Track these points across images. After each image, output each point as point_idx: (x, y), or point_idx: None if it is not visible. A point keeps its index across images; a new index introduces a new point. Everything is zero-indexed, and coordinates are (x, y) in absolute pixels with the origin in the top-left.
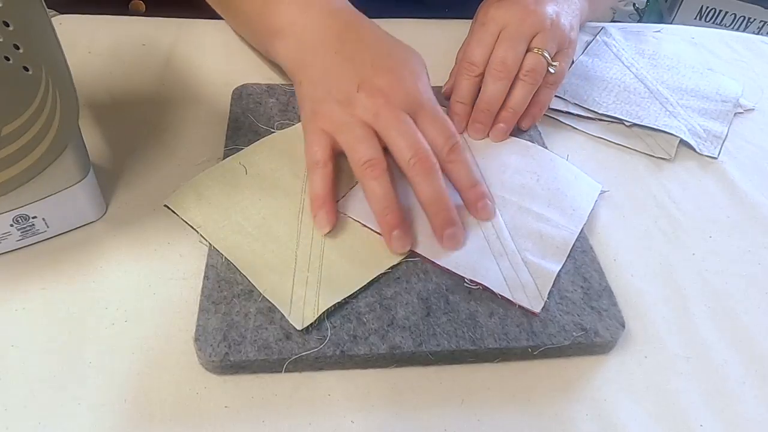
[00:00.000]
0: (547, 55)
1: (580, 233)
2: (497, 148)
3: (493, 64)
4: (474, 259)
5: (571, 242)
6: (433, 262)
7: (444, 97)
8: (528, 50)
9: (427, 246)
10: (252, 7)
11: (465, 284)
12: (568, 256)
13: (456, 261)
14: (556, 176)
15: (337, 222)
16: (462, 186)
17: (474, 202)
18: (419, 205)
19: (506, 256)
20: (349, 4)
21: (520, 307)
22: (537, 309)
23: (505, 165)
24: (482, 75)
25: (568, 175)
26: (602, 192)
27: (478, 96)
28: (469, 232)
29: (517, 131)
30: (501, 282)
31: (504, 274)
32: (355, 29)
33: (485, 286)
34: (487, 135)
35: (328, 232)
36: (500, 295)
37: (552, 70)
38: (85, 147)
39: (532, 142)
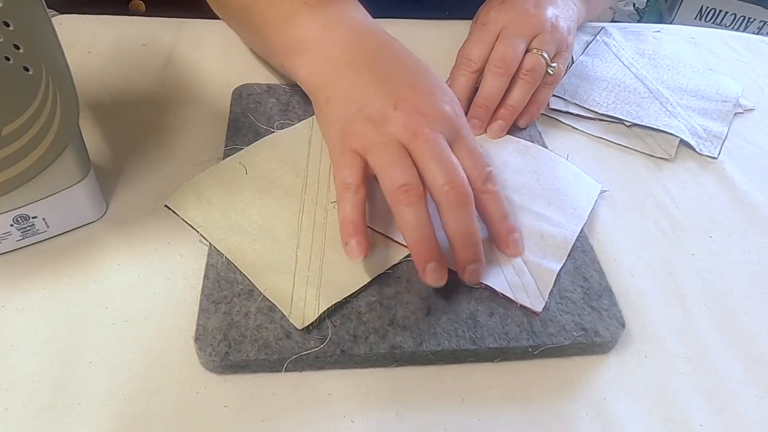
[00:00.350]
0: (546, 55)
1: (580, 233)
2: (498, 148)
3: (493, 61)
4: None
5: (572, 241)
6: None
7: None
8: (527, 51)
9: None
10: (272, 22)
11: (466, 284)
12: (568, 256)
13: None
14: (556, 176)
15: (369, 251)
16: (494, 219)
17: (505, 236)
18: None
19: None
20: (380, 25)
21: (521, 306)
22: (538, 308)
23: (505, 164)
24: (479, 72)
25: (568, 175)
26: (602, 192)
27: (473, 92)
28: None
29: (516, 131)
30: (502, 281)
31: (505, 273)
32: (389, 49)
33: (486, 285)
34: (484, 131)
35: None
36: (501, 295)
37: (551, 71)
38: (85, 147)
39: (532, 142)
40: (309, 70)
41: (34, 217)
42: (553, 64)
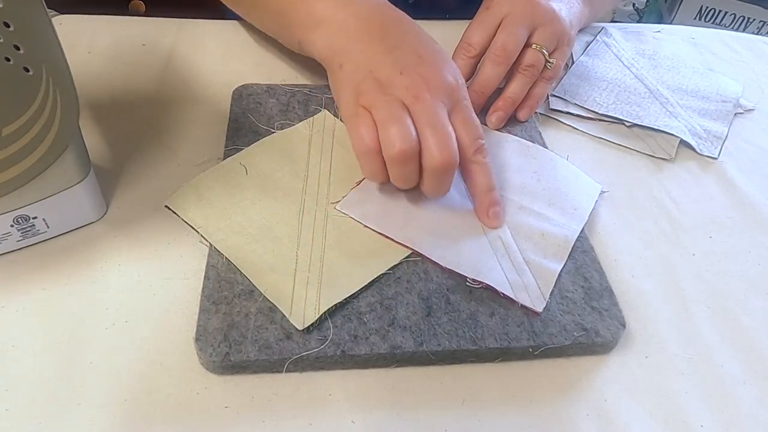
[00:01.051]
0: (545, 51)
1: (580, 233)
2: (498, 148)
3: (493, 49)
4: (476, 258)
5: (572, 241)
6: (434, 262)
7: None
8: (528, 45)
9: (428, 246)
10: (285, 2)
11: (467, 284)
12: (569, 256)
13: (458, 260)
14: (557, 176)
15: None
16: (479, 189)
17: (487, 207)
18: (423, 204)
19: (508, 256)
20: (389, 2)
21: (522, 306)
22: (539, 308)
23: (505, 164)
24: (477, 57)
25: (568, 175)
26: (602, 192)
27: (470, 76)
28: (470, 231)
29: (517, 128)
30: (503, 281)
31: (506, 273)
32: (399, 23)
33: (488, 285)
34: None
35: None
36: (503, 294)
37: (549, 67)
38: (85, 147)
39: (533, 142)
40: (325, 42)
41: (34, 218)
42: (551, 60)
